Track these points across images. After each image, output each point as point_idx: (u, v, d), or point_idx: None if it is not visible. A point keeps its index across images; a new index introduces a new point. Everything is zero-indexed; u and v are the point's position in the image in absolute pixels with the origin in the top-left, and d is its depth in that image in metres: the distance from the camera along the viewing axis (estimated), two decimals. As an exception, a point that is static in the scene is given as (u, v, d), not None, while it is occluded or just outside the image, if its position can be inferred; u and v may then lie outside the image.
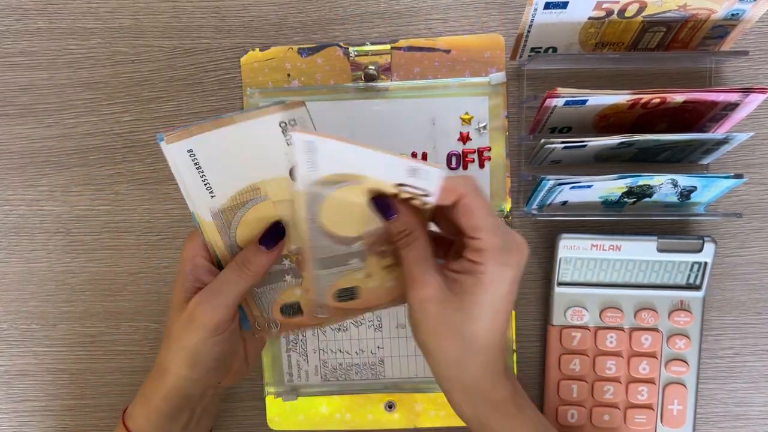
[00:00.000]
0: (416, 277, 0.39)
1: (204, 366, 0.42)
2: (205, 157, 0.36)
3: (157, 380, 0.44)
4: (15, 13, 0.53)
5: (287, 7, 0.52)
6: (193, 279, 0.42)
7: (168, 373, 0.43)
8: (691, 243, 0.49)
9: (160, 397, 0.43)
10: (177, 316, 0.42)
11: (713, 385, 0.53)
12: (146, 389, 0.45)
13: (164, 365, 0.43)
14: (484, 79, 0.51)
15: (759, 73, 0.52)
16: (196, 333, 0.41)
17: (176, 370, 0.42)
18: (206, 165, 0.37)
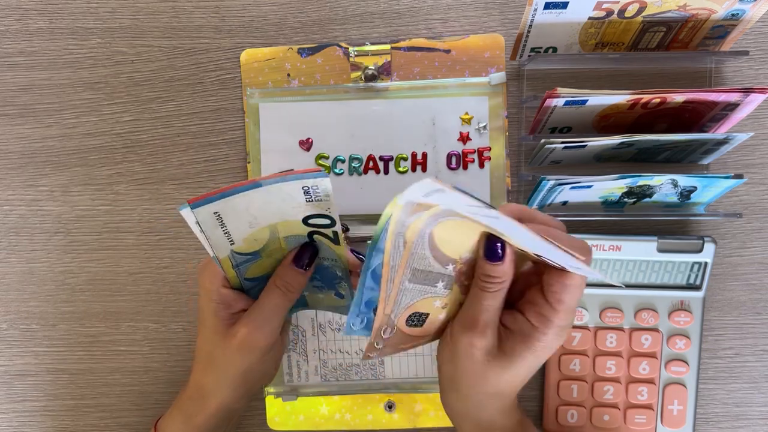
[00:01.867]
0: (479, 323, 0.39)
1: (253, 385, 0.46)
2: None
3: (199, 400, 0.45)
4: (15, 13, 0.53)
5: (287, 7, 0.52)
6: (225, 306, 0.44)
7: (213, 394, 0.45)
8: (691, 243, 0.49)
9: (204, 416, 0.45)
10: (220, 341, 0.43)
11: (713, 385, 0.53)
12: (186, 408, 0.46)
13: (208, 386, 0.45)
14: (484, 79, 0.51)
15: (759, 73, 0.52)
16: (249, 357, 0.43)
17: (226, 393, 0.45)
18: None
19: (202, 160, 0.53)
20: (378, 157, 0.52)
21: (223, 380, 0.44)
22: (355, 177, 0.52)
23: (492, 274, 0.38)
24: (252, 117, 0.52)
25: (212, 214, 0.38)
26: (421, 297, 0.40)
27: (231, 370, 0.44)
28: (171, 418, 0.47)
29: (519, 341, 0.39)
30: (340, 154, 0.52)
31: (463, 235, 0.38)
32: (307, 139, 0.52)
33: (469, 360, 0.39)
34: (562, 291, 0.37)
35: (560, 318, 0.38)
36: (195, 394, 0.46)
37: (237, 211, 0.39)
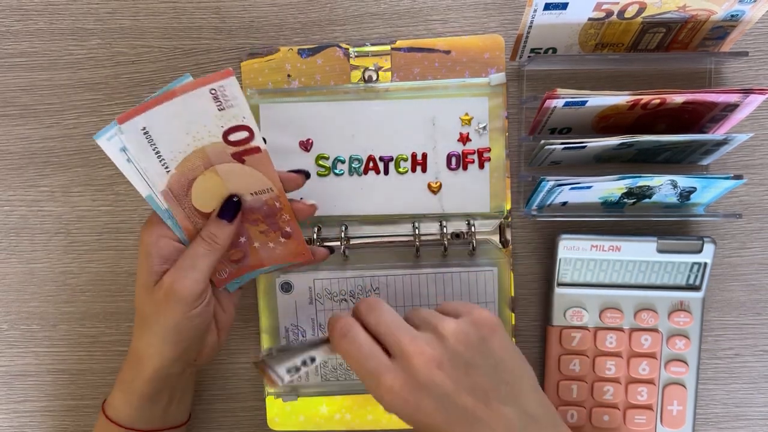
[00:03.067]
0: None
1: (185, 342, 0.44)
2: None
3: (135, 366, 0.45)
4: (16, 14, 0.53)
5: (287, 8, 0.52)
6: (160, 261, 0.43)
7: (147, 356, 0.44)
8: (690, 244, 0.49)
9: (140, 381, 0.44)
10: (148, 297, 0.43)
11: (713, 385, 0.53)
12: (124, 376, 0.46)
13: (142, 349, 0.44)
14: (484, 79, 0.51)
15: (759, 74, 0.52)
16: (176, 309, 0.42)
17: (156, 351, 0.43)
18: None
19: (202, 161, 0.53)
20: (378, 157, 0.52)
21: (154, 339, 0.43)
22: (355, 177, 0.52)
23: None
24: (252, 117, 0.52)
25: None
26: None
27: (160, 325, 0.43)
28: (113, 393, 0.46)
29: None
30: (340, 154, 0.52)
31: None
32: (307, 140, 0.52)
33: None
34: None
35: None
36: (132, 360, 0.45)
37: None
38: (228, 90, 0.38)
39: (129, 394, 0.45)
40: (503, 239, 0.52)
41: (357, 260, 0.52)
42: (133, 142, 0.39)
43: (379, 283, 0.52)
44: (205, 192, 0.43)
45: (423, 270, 0.52)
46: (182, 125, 0.39)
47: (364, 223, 0.52)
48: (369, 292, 0.52)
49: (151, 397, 0.45)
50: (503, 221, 0.52)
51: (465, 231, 0.51)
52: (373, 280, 0.52)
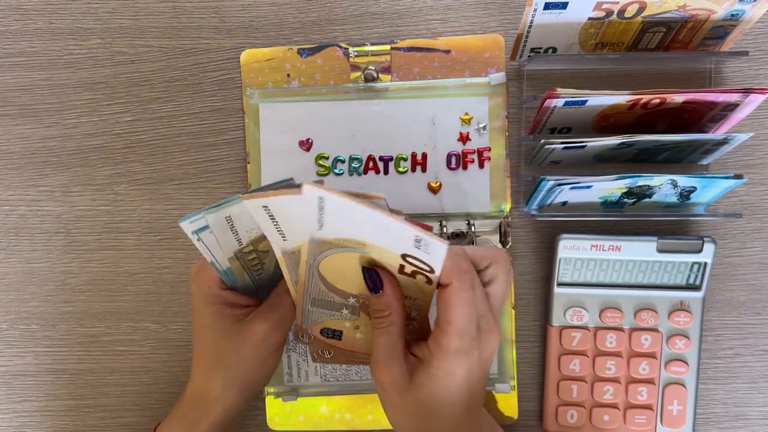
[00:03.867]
0: (380, 361, 0.40)
1: (256, 387, 0.45)
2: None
3: (203, 408, 0.44)
4: (15, 14, 0.53)
5: (287, 8, 0.52)
6: (229, 307, 0.43)
7: (219, 400, 0.44)
8: (691, 243, 0.49)
9: (207, 423, 0.44)
10: (232, 341, 0.43)
11: (713, 385, 0.53)
12: (187, 416, 0.45)
13: (213, 393, 0.44)
14: (483, 79, 0.51)
15: (759, 74, 0.52)
16: (264, 354, 0.44)
17: (231, 395, 0.44)
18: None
19: (202, 160, 0.53)
20: (378, 157, 0.52)
21: (230, 382, 0.44)
22: (355, 177, 0.52)
23: (377, 308, 0.40)
24: (252, 117, 0.52)
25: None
26: (329, 317, 0.42)
27: (241, 369, 0.43)
28: (170, 427, 0.46)
29: (422, 369, 0.39)
30: (340, 154, 0.52)
31: (350, 271, 0.40)
32: (307, 140, 0.52)
33: (385, 396, 0.41)
34: (444, 310, 0.38)
35: (449, 340, 0.38)
36: (197, 402, 0.45)
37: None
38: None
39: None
40: (503, 239, 0.52)
41: (357, 260, 0.52)
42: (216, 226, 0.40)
43: (379, 282, 0.52)
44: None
45: (423, 270, 0.52)
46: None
47: (364, 222, 0.52)
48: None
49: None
50: (503, 221, 0.52)
51: (465, 231, 0.51)
52: (373, 280, 0.52)
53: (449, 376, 0.38)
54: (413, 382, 0.39)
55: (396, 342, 0.40)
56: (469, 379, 0.39)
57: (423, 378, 0.39)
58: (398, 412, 0.41)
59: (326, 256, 0.39)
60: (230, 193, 0.53)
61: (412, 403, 0.39)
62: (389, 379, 0.39)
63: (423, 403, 0.39)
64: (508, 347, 0.52)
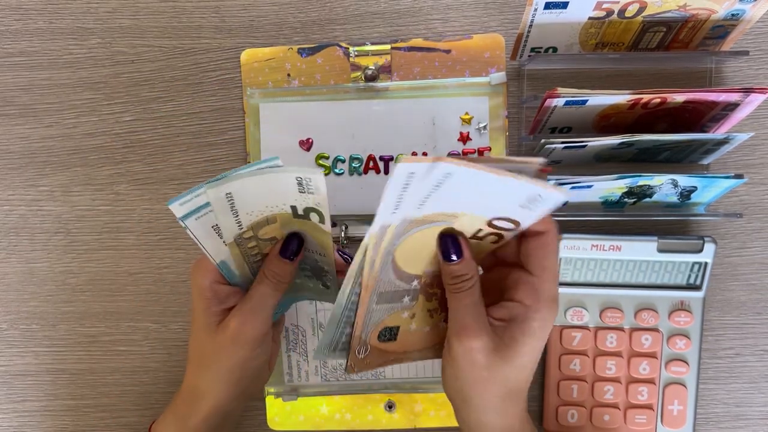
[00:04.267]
0: (468, 324, 0.38)
1: (246, 380, 0.44)
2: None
3: (192, 403, 0.44)
4: (15, 13, 0.53)
5: (287, 7, 0.52)
6: (217, 302, 0.43)
7: (207, 394, 0.44)
8: (691, 243, 0.49)
9: (198, 419, 0.44)
10: (209, 338, 0.43)
11: (713, 385, 0.53)
12: (179, 411, 0.45)
13: (202, 388, 0.44)
14: (484, 79, 0.51)
15: (759, 73, 0.52)
16: (241, 350, 0.42)
17: (217, 390, 0.43)
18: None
19: (202, 160, 0.53)
20: (378, 157, 0.52)
21: (216, 378, 0.43)
22: (355, 177, 0.52)
23: (457, 274, 0.38)
24: (252, 117, 0.52)
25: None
26: (389, 313, 0.41)
27: (223, 366, 0.43)
28: (164, 423, 0.46)
29: (515, 328, 0.38)
30: (340, 154, 0.52)
31: (423, 248, 0.39)
32: (307, 139, 0.52)
33: (471, 366, 0.38)
34: (542, 256, 0.37)
35: (547, 287, 0.37)
36: (188, 397, 0.45)
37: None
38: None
39: (184, 430, 0.45)
40: (503, 239, 0.51)
41: (357, 260, 0.52)
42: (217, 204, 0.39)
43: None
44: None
45: (423, 269, 0.52)
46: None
47: (364, 222, 0.52)
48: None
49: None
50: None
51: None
52: (373, 280, 0.52)
53: (544, 328, 0.38)
54: (504, 341, 0.38)
55: (480, 303, 0.38)
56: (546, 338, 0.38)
57: (517, 333, 0.38)
58: (482, 381, 0.38)
59: (405, 238, 0.38)
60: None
61: (501, 366, 0.38)
62: (481, 341, 0.37)
63: (512, 364, 0.38)
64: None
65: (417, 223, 0.37)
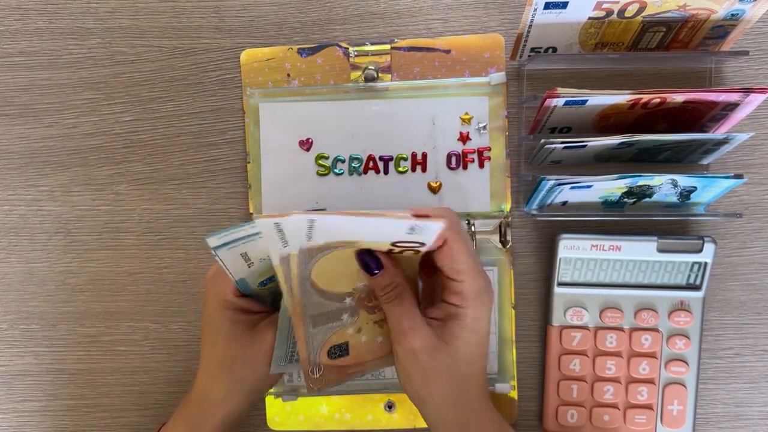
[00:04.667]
0: (405, 329, 0.40)
1: (264, 390, 0.46)
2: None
3: (207, 410, 0.45)
4: (15, 13, 0.53)
5: (287, 7, 0.52)
6: (243, 312, 0.44)
7: (224, 403, 0.44)
8: (691, 243, 0.49)
9: (212, 425, 0.45)
10: (244, 347, 0.43)
11: (713, 385, 0.53)
12: (191, 417, 0.45)
13: (219, 396, 0.44)
14: (484, 79, 0.51)
15: (759, 73, 0.52)
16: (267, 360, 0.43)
17: (237, 399, 0.44)
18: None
19: (202, 160, 0.53)
20: (378, 157, 0.52)
21: (235, 387, 0.44)
22: (355, 177, 0.52)
23: (383, 284, 0.41)
24: (252, 117, 0.52)
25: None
26: (332, 332, 0.43)
27: (249, 375, 0.44)
28: (175, 427, 0.46)
29: (452, 325, 0.40)
30: (340, 154, 0.52)
31: (344, 267, 0.41)
32: (307, 139, 0.52)
33: (418, 367, 0.40)
34: (451, 263, 0.39)
35: (468, 286, 0.39)
36: (202, 404, 0.45)
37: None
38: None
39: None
40: (503, 239, 0.52)
41: (357, 260, 0.52)
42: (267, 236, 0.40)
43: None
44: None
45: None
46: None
47: (364, 222, 0.52)
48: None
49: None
50: (503, 221, 0.51)
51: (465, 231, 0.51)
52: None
53: (478, 320, 0.40)
54: (443, 338, 0.40)
55: (413, 307, 0.41)
56: (488, 325, 0.41)
57: (454, 329, 0.40)
58: (430, 378, 0.41)
59: (316, 261, 0.40)
60: (230, 193, 0.53)
61: (445, 362, 0.40)
62: (420, 342, 0.40)
63: (456, 358, 0.40)
64: (508, 347, 0.52)
65: (320, 249, 0.39)
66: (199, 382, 0.45)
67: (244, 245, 0.40)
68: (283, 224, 0.37)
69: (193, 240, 0.53)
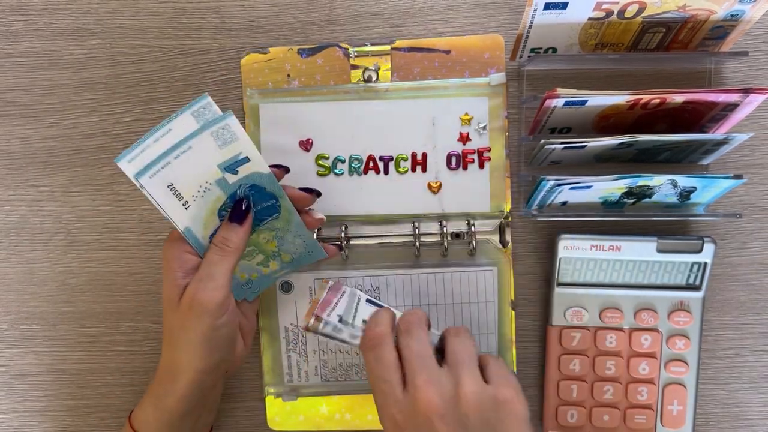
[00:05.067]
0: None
1: (216, 353, 0.44)
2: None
3: (168, 382, 0.44)
4: (16, 14, 0.53)
5: (287, 8, 0.52)
6: (183, 275, 0.43)
7: (180, 371, 0.43)
8: (690, 243, 0.49)
9: (176, 397, 0.44)
10: (174, 312, 0.43)
11: (713, 385, 0.53)
12: (156, 391, 0.45)
13: (174, 364, 0.44)
14: (484, 79, 0.51)
15: (759, 74, 0.52)
16: (202, 320, 0.42)
17: (190, 365, 0.43)
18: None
19: (202, 161, 0.53)
20: (378, 157, 0.52)
21: (184, 353, 0.43)
22: (355, 177, 0.52)
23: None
24: (252, 117, 0.52)
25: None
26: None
27: (190, 338, 0.43)
28: (142, 407, 0.46)
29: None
30: (340, 154, 0.52)
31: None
32: (307, 140, 0.52)
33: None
34: None
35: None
36: (164, 376, 0.44)
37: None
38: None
39: (162, 411, 0.44)
40: (503, 239, 0.52)
41: (357, 260, 0.52)
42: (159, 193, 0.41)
43: (379, 283, 0.52)
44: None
45: (423, 270, 0.52)
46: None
47: (364, 223, 0.52)
48: (369, 292, 0.52)
49: (185, 413, 0.45)
50: (503, 221, 0.52)
51: (465, 231, 0.51)
52: (373, 280, 0.52)
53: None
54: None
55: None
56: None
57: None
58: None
59: None
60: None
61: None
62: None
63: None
64: (507, 347, 0.52)
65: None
66: (161, 357, 0.45)
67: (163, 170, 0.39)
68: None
69: (194, 240, 0.53)
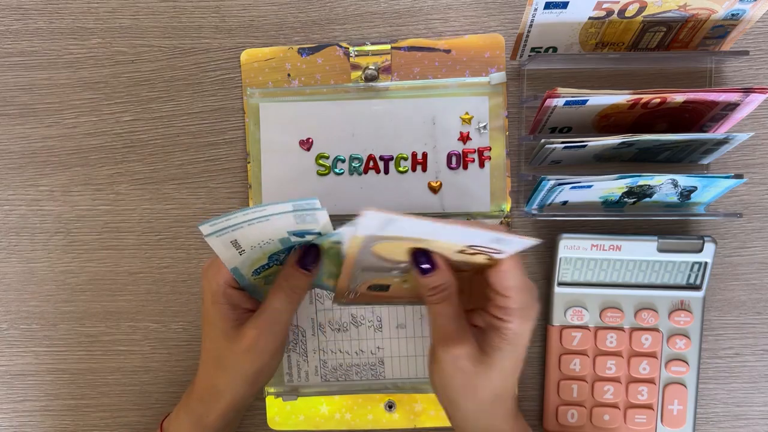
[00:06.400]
0: (451, 333, 0.40)
1: (264, 381, 0.46)
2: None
3: (211, 402, 0.45)
4: (15, 13, 0.53)
5: (287, 7, 0.52)
6: (231, 307, 0.44)
7: (226, 393, 0.44)
8: (691, 243, 0.49)
9: (215, 416, 0.45)
10: (226, 342, 0.43)
11: (713, 385, 0.53)
12: (195, 409, 0.46)
13: (219, 387, 0.44)
14: (484, 79, 0.51)
15: (759, 73, 0.52)
16: (259, 360, 0.43)
17: (237, 391, 0.44)
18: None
19: (202, 160, 0.53)
20: (378, 156, 0.52)
21: (236, 380, 0.44)
22: (355, 177, 0.52)
23: (432, 285, 0.40)
24: (252, 117, 0.52)
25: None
26: (378, 277, 0.44)
27: (242, 371, 0.44)
28: (178, 421, 0.46)
29: (493, 336, 0.40)
30: (341, 153, 0.52)
31: (401, 248, 0.41)
32: (307, 139, 0.52)
33: (459, 373, 0.40)
34: (502, 280, 0.39)
35: (514, 300, 0.39)
36: (206, 396, 0.45)
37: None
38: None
39: (200, 428, 0.45)
40: (503, 239, 0.52)
41: (357, 260, 0.52)
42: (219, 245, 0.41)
43: (379, 282, 0.52)
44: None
45: (423, 269, 0.52)
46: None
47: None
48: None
49: (221, 428, 0.46)
50: (503, 220, 0.52)
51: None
52: (373, 280, 0.52)
53: (520, 336, 0.40)
54: (484, 348, 0.40)
55: (460, 311, 0.41)
56: (528, 342, 0.41)
57: (494, 341, 0.40)
58: (468, 387, 0.41)
59: (380, 243, 0.40)
60: (230, 193, 0.53)
61: (485, 372, 0.40)
62: (466, 349, 0.40)
63: (494, 370, 0.40)
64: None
65: (388, 239, 0.40)
66: (200, 375, 0.46)
67: (233, 232, 0.40)
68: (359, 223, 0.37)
69: (194, 240, 0.53)
